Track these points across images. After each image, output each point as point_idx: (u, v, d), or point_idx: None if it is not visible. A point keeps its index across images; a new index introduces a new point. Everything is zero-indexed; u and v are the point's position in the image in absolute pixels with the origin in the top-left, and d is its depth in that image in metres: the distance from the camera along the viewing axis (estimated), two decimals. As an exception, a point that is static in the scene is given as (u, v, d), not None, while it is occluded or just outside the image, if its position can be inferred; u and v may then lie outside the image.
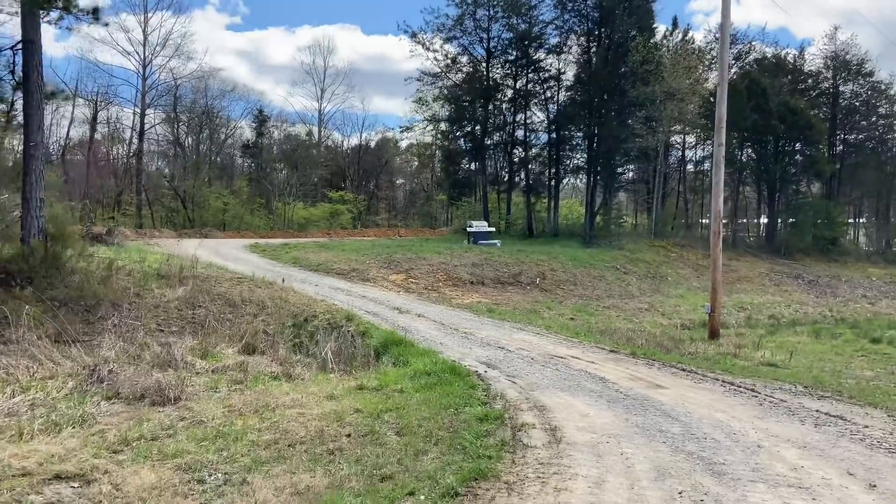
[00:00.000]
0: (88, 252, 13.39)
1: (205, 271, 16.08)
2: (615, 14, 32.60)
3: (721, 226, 16.02)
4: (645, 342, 14.51)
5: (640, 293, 23.98)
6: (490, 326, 14.35)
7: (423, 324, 14.01)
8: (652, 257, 30.80)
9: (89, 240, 18.64)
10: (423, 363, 9.84)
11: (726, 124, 37.46)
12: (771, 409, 7.99)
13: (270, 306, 13.95)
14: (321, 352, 10.67)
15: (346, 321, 13.46)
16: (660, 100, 32.80)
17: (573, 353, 11.79)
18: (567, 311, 19.06)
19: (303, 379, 9.49)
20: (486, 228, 29.19)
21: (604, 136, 33.45)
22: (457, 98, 38.42)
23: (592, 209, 34.94)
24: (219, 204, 49.90)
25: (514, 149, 39.64)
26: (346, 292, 17.20)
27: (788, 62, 47.55)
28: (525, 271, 22.67)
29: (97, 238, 19.05)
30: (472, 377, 9.34)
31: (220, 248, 25.94)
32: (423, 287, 19.19)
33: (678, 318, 20.78)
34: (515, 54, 37.64)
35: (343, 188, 60.10)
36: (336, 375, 9.90)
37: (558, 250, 27.55)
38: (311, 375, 9.75)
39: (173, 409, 7.42)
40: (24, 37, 11.54)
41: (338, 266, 21.23)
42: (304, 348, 11.91)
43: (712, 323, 15.85)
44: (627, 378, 9.68)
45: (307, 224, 52.57)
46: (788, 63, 47.85)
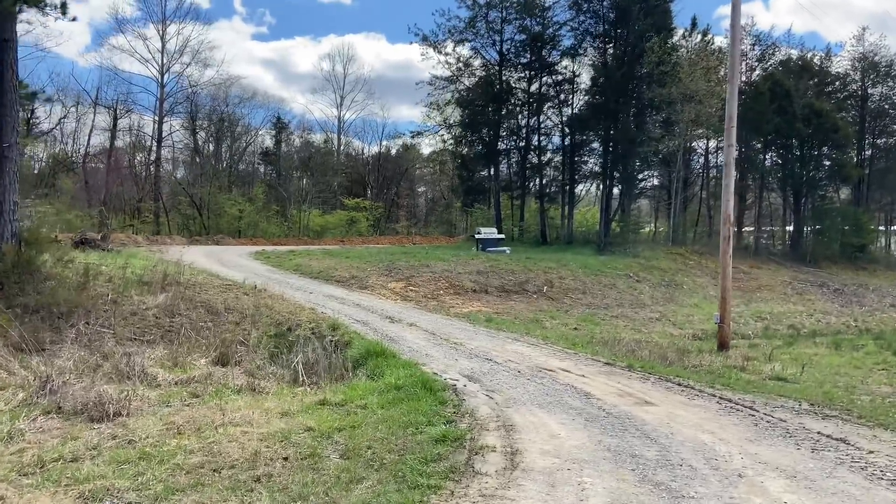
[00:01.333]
0: (67, 257, 13.03)
1: (193, 278, 15.67)
2: (631, 14, 31.79)
3: (731, 230, 15.18)
4: (648, 354, 13.72)
5: (653, 302, 23.09)
6: (484, 337, 13.69)
7: (413, 333, 13.40)
8: (668, 265, 29.81)
9: (82, 245, 18.38)
10: (398, 376, 9.24)
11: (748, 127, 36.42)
12: (766, 430, 7.23)
13: (254, 315, 13.46)
14: (295, 363, 10.11)
15: (331, 330, 12.92)
16: (677, 102, 31.84)
17: (564, 365, 11.08)
18: (572, 320, 18.30)
19: (267, 393, 8.94)
20: (495, 235, 28.49)
21: (619, 139, 32.58)
22: (469, 102, 37.83)
23: (608, 215, 34.06)
24: (234, 211, 49.91)
25: (527, 154, 38.92)
26: (339, 300, 16.68)
27: (814, 64, 46.14)
28: (532, 279, 21.95)
29: (90, 243, 18.81)
30: (445, 392, 8.71)
31: (224, 255, 25.63)
32: (422, 295, 18.59)
33: (690, 328, 19.88)
34: (529, 57, 36.96)
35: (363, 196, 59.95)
36: (305, 389, 9.35)
37: (569, 258, 26.76)
38: (278, 389, 9.20)
39: (110, 425, 6.92)
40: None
41: (338, 273, 20.74)
42: (282, 359, 11.36)
43: (721, 333, 14.99)
44: (615, 393, 8.96)
45: (323, 231, 52.37)
46: (814, 65, 46.43)
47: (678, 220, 41.16)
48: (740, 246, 43.31)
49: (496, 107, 37.22)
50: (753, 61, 43.72)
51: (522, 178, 39.43)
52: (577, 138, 37.31)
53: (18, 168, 11.89)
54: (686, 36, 39.01)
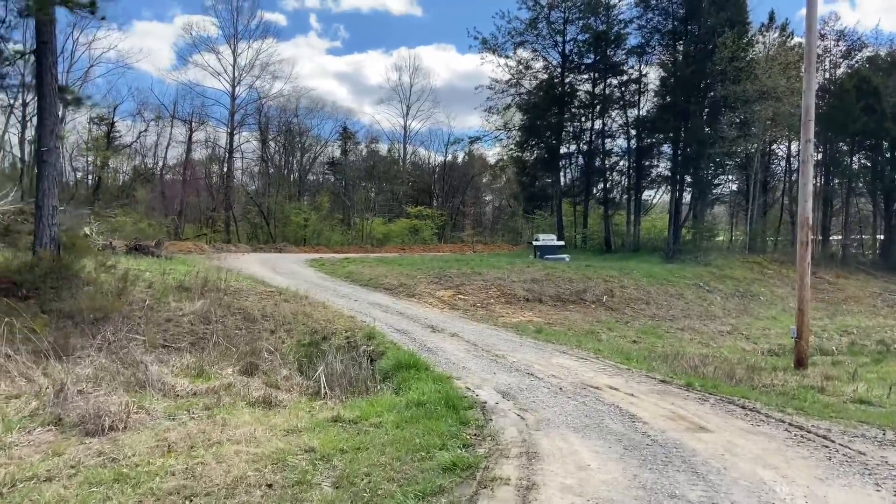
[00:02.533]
0: (109, 263, 12.95)
1: (236, 284, 15.43)
2: (702, 9, 30.05)
3: (809, 235, 13.66)
4: (712, 371, 12.43)
5: (725, 314, 21.44)
6: (529, 349, 12.75)
7: (453, 344, 12.61)
8: (743, 274, 27.87)
9: (135, 251, 18.55)
10: (423, 391, 8.49)
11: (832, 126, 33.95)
12: (841, 465, 6.06)
13: (291, 322, 13.02)
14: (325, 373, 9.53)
15: (367, 340, 12.30)
16: (753, 100, 29.80)
17: (614, 382, 10.04)
18: (631, 332, 17.06)
19: (283, 406, 8.37)
20: (553, 242, 27.33)
21: (689, 140, 30.79)
22: (530, 106, 36.76)
23: (677, 222, 32.25)
24: (299, 220, 50.59)
25: (591, 158, 37.48)
26: (383, 308, 16.09)
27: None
28: (590, 288, 20.76)
29: (143, 250, 18.98)
30: (471, 410, 7.91)
31: (280, 263, 25.63)
32: (470, 304, 17.78)
33: (765, 342, 18.24)
34: (593, 57, 35.61)
35: (428, 204, 59.83)
36: (325, 402, 8.74)
37: (633, 266, 25.35)
38: (296, 402, 8.62)
39: (103, 440, 6.46)
40: (37, 38, 11.27)
41: (387, 281, 20.21)
42: (311, 369, 10.81)
43: (798, 349, 13.49)
44: (665, 416, 7.90)
45: (386, 240, 52.42)
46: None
47: (756, 226, 38.73)
48: (826, 254, 40.39)
49: (558, 110, 36.01)
50: (838, 58, 40.82)
51: (586, 184, 37.99)
52: (645, 141, 35.63)
53: (58, 172, 11.86)
54: (763, 31, 36.76)
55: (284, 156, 60.70)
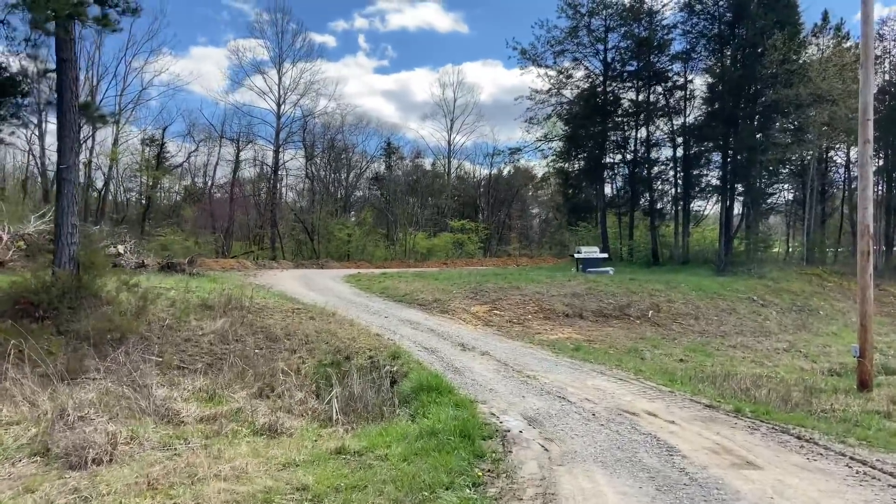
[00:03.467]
0: (131, 282, 12.76)
1: (262, 302, 15.09)
2: (751, 11, 28.74)
3: (871, 244, 12.50)
4: (766, 394, 11.41)
5: (780, 330, 20.10)
6: (564, 369, 11.97)
7: (483, 364, 11.93)
8: (801, 287, 26.30)
9: (168, 269, 18.50)
10: (440, 418, 7.85)
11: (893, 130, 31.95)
12: (917, 516, 5.15)
13: (314, 341, 12.55)
14: (337, 397, 8.98)
15: (391, 360, 11.72)
16: (807, 105, 28.25)
17: (653, 407, 9.20)
18: (678, 350, 16.02)
19: (289, 434, 7.85)
20: (596, 255, 26.30)
21: (739, 148, 29.38)
22: (572, 116, 35.85)
23: (728, 232, 30.76)
24: (343, 235, 50.69)
25: (636, 168, 36.26)
26: (414, 325, 15.51)
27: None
28: (635, 303, 19.75)
29: (175, 267, 18.93)
30: (490, 441, 7.25)
31: (316, 278, 25.38)
32: (506, 320, 17.05)
33: (825, 361, 16.90)
34: (636, 65, 34.53)
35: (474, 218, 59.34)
36: (337, 429, 8.18)
37: (681, 279, 24.15)
38: (304, 429, 8.08)
39: (84, 474, 6.01)
40: (57, 55, 11.22)
41: (422, 297, 19.65)
42: (329, 392, 10.29)
43: (861, 369, 12.30)
44: (708, 449, 7.05)
45: (429, 254, 52.02)
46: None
47: (814, 236, 36.77)
48: (889, 266, 38.09)
49: (601, 119, 35.00)
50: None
51: (632, 195, 36.78)
52: (693, 149, 34.25)
53: (77, 190, 11.73)
54: (816, 33, 35.02)
55: (329, 172, 61.19)
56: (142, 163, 53.35)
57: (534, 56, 34.93)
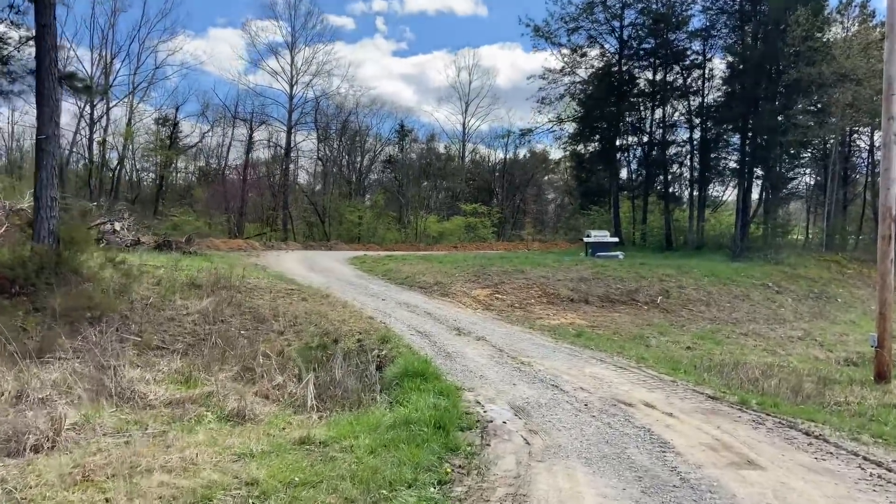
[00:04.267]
0: (116, 258, 12.35)
1: (255, 282, 14.65)
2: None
3: (893, 228, 11.71)
4: (776, 384, 10.76)
5: (796, 317, 19.33)
6: (562, 355, 11.40)
7: (477, 349, 11.39)
8: (819, 273, 25.41)
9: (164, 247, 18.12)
10: (419, 406, 7.34)
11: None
12: (936, 528, 4.55)
13: (302, 323, 12.09)
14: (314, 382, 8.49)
15: (380, 343, 11.23)
16: (830, 84, 27.09)
17: (652, 398, 8.62)
18: (686, 337, 15.35)
19: (259, 420, 7.37)
20: (606, 239, 25.53)
21: (758, 129, 28.32)
22: (585, 96, 34.86)
23: (745, 217, 29.81)
24: (354, 218, 50.31)
25: (651, 151, 35.27)
26: (411, 308, 15.00)
27: None
28: (643, 288, 19.08)
29: (171, 245, 18.52)
30: (469, 432, 6.75)
31: (320, 260, 24.98)
32: (507, 304, 16.48)
33: (842, 350, 16.16)
34: (653, 42, 33.40)
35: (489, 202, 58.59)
36: (311, 416, 7.70)
37: (694, 264, 23.37)
38: (276, 416, 7.61)
39: (19, 462, 5.56)
40: (36, 21, 10.74)
41: (423, 279, 19.14)
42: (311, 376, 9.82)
43: (879, 360, 11.58)
44: (706, 446, 6.48)
45: (441, 237, 51.48)
46: None
47: (835, 222, 35.61)
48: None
49: (616, 99, 33.98)
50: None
51: (646, 178, 35.82)
52: (710, 131, 33.17)
53: (57, 161, 11.29)
54: (841, 10, 33.60)
55: (342, 154, 60.65)
56: (155, 142, 53.13)
57: (547, 33, 33.95)
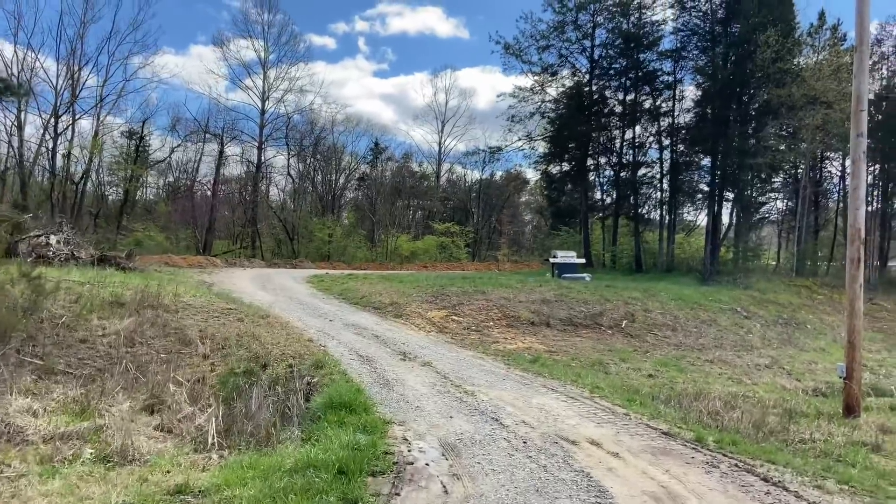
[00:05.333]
0: (32, 273, 11.30)
1: (190, 300, 13.65)
2: (744, 6, 27.40)
3: (861, 251, 11.12)
4: (738, 417, 10.00)
5: (764, 344, 18.72)
6: (512, 384, 10.56)
7: (419, 377, 10.51)
8: (789, 299, 24.97)
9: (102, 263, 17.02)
10: (330, 446, 6.46)
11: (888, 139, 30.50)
12: None
13: (232, 346, 11.13)
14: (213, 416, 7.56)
15: (314, 369, 10.30)
16: (800, 106, 26.90)
17: (600, 434, 7.81)
18: (648, 364, 14.61)
19: (143, 462, 6.42)
20: (573, 260, 24.85)
21: (728, 151, 28.00)
22: (556, 115, 34.43)
23: (715, 240, 29.37)
24: (323, 235, 49.29)
25: (621, 172, 34.87)
26: (358, 330, 14.09)
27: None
28: (608, 311, 18.37)
29: (111, 261, 17.42)
30: (378, 478, 5.91)
31: (277, 278, 23.97)
32: (463, 327, 15.63)
33: (810, 379, 15.54)
34: (624, 63, 33.14)
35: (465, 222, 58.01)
36: (209, 456, 6.76)
37: (661, 287, 22.77)
38: (170, 453, 6.65)
39: None
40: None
41: (379, 299, 18.25)
42: (230, 405, 8.87)
43: (848, 393, 10.90)
44: (649, 496, 5.68)
45: (413, 257, 50.65)
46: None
47: (806, 247, 35.38)
48: (884, 279, 36.81)
49: (586, 119, 33.59)
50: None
51: (617, 199, 35.35)
52: (680, 152, 32.87)
53: None
54: (812, 33, 33.67)
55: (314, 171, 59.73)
56: (120, 156, 51.75)
57: (518, 51, 33.50)
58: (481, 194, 64.20)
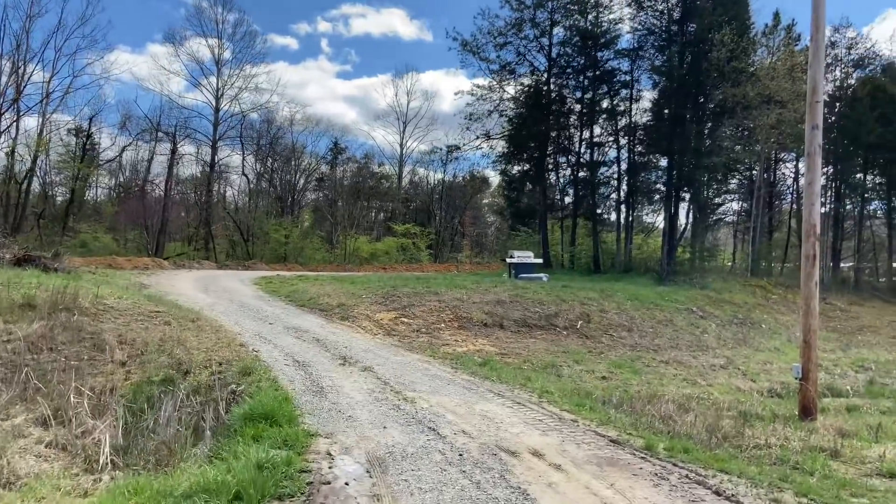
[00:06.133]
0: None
1: (115, 302, 12.69)
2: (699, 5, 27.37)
3: (817, 247, 10.80)
4: (692, 422, 9.54)
5: (719, 344, 18.49)
6: (457, 389, 9.92)
7: (358, 383, 9.79)
8: (744, 298, 24.92)
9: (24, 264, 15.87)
10: (237, 465, 5.70)
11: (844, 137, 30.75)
12: None
13: (153, 352, 10.24)
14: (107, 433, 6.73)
15: (241, 377, 9.50)
16: (755, 106, 26.96)
17: (544, 443, 7.22)
18: (603, 365, 14.16)
19: (19, 487, 5.59)
20: (530, 260, 24.40)
21: (683, 150, 27.93)
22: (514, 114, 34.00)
23: (672, 240, 29.27)
24: (279, 237, 48.09)
25: (579, 171, 34.62)
26: (299, 334, 13.31)
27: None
28: (564, 312, 17.89)
29: (34, 262, 16.27)
30: (286, 502, 5.11)
31: (221, 281, 22.96)
32: (412, 329, 14.95)
33: (765, 379, 15.31)
34: (582, 61, 32.87)
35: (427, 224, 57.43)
36: (100, 477, 5.95)
37: (618, 287, 22.44)
38: (50, 477, 5.82)
39: None
40: None
41: (327, 301, 17.46)
42: (143, 417, 8.04)
43: (804, 395, 10.55)
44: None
45: (372, 258, 49.82)
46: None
47: (760, 247, 35.64)
48: (837, 279, 37.36)
49: (544, 118, 33.22)
50: (849, 66, 37.92)
51: (575, 199, 35.12)
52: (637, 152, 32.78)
53: None
54: (767, 34, 33.91)
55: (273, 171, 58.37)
56: (66, 155, 49.70)
57: (475, 48, 33.00)
58: (444, 196, 63.72)
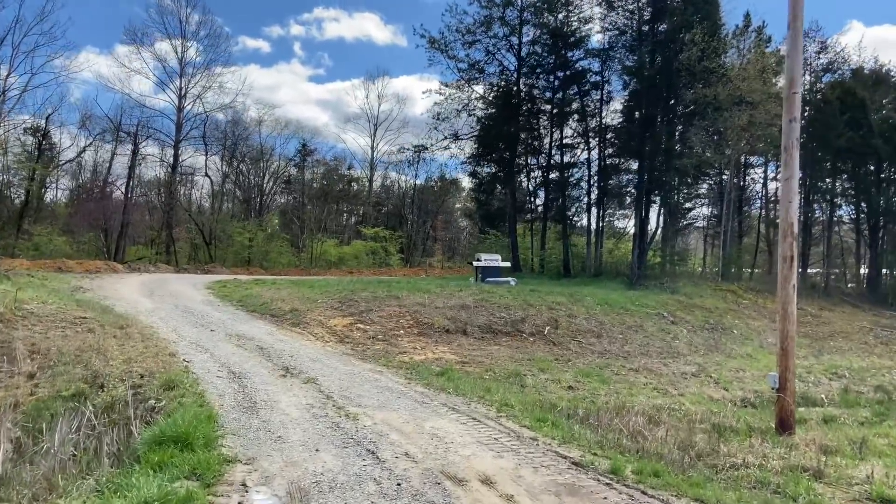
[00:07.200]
0: None
1: (36, 308, 11.53)
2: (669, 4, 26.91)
3: (794, 248, 10.12)
4: (662, 437, 8.73)
5: (690, 350, 17.83)
6: (407, 403, 9.00)
7: (296, 397, 8.83)
8: (714, 303, 24.39)
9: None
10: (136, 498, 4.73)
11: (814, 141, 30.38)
12: None
13: (68, 362, 9.14)
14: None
15: (162, 391, 8.48)
16: (726, 107, 26.55)
17: (497, 467, 6.36)
18: (570, 374, 13.35)
19: None
20: (497, 263, 23.59)
21: (654, 151, 27.40)
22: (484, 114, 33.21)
23: (643, 244, 28.69)
24: (243, 240, 46.70)
25: (549, 173, 33.96)
26: (241, 342, 12.28)
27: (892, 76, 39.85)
28: (531, 317, 17.08)
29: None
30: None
31: (174, 284, 21.75)
32: (368, 336, 13.99)
33: (738, 388, 14.65)
34: (553, 61, 32.19)
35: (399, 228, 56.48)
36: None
37: (588, 292, 21.72)
38: None
39: None
40: None
41: (279, 306, 16.45)
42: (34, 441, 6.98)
43: (781, 407, 9.81)
44: (541, 566, 4.18)
45: (340, 262, 48.69)
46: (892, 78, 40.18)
47: (731, 252, 35.32)
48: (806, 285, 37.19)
49: (514, 117, 32.45)
50: (819, 70, 37.89)
51: (545, 202, 34.48)
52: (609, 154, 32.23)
53: None
54: (738, 34, 33.63)
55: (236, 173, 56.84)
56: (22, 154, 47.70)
57: (443, 46, 32.09)
58: (416, 200, 62.83)
